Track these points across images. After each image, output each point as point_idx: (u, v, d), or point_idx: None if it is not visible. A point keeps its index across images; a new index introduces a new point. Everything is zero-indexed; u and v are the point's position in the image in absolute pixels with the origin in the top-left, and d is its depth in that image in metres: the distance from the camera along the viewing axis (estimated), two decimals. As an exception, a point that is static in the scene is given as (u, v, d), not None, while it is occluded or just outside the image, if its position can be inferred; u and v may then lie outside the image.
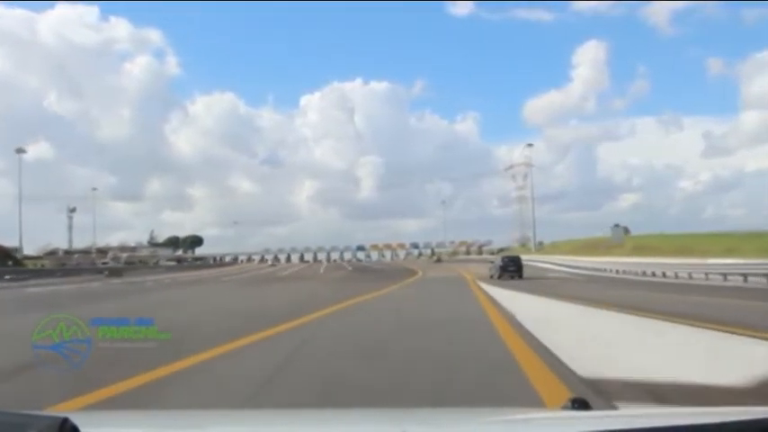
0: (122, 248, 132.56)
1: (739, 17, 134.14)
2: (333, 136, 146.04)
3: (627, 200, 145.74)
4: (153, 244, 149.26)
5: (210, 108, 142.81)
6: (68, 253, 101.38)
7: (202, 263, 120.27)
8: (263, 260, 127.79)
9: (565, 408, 1.90)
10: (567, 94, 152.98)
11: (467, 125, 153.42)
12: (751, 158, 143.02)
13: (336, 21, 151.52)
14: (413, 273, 44.32)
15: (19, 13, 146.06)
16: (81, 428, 1.38)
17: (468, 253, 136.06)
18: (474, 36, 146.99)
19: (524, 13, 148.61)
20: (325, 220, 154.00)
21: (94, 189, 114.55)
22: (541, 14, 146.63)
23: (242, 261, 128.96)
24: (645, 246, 54.51)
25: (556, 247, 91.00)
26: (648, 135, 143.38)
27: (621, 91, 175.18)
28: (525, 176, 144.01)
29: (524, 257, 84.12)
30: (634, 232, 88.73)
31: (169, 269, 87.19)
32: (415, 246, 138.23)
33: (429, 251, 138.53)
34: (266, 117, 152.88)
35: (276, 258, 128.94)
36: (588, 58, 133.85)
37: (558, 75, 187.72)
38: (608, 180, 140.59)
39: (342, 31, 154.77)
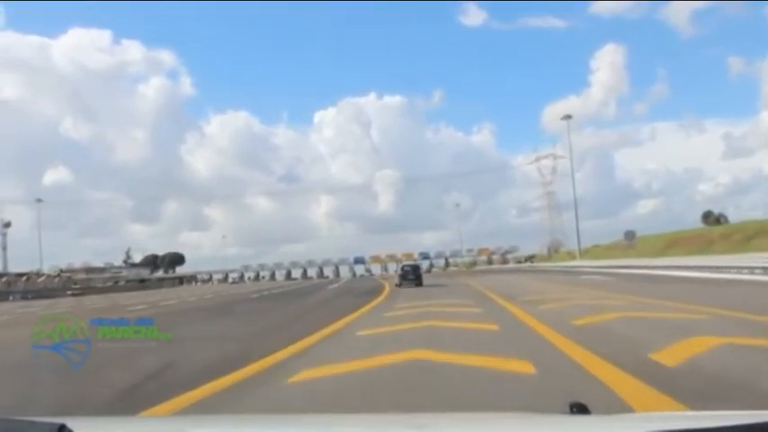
0: (88, 269, 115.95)
1: (760, 15, 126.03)
2: (348, 151, 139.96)
3: (645, 206, 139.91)
4: (131, 264, 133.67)
5: (225, 127, 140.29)
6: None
7: (164, 283, 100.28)
8: (242, 278, 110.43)
9: (564, 412, 1.90)
10: (586, 99, 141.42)
11: (483, 136, 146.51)
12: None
13: (346, 35, 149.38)
14: (376, 294, 24.00)
15: (33, 39, 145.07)
16: None
17: (490, 262, 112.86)
18: (487, 46, 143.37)
19: (536, 21, 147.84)
20: (341, 236, 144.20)
21: (39, 200, 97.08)
22: (553, 22, 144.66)
23: (217, 280, 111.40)
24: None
25: (609, 248, 68.30)
26: (669, 139, 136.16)
27: (641, 95, 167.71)
28: (554, 170, 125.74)
29: (573, 264, 64.11)
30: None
31: (100, 291, 66.91)
32: (425, 256, 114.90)
33: (443, 262, 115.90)
34: (281, 134, 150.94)
35: (257, 276, 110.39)
36: (606, 63, 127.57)
37: (576, 81, 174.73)
38: (628, 186, 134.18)
39: (352, 45, 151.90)
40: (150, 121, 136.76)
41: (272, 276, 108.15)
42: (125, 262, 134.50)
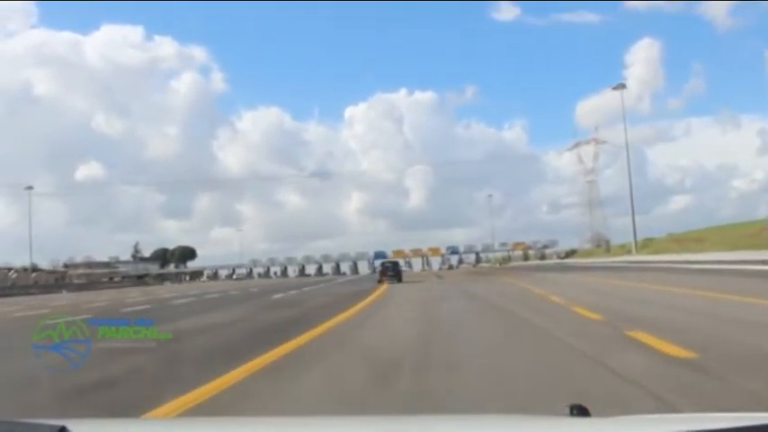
0: (89, 264, 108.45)
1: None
2: (378, 147, 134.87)
3: (678, 202, 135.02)
4: (140, 258, 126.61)
5: (256, 123, 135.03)
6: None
7: (161, 279, 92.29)
8: (249, 274, 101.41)
9: (563, 414, 1.92)
10: (620, 95, 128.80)
11: (515, 132, 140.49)
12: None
13: (377, 30, 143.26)
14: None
15: (66, 36, 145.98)
16: None
17: (526, 258, 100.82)
18: (520, 41, 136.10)
19: (570, 16, 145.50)
20: (371, 232, 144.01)
21: (29, 188, 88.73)
22: (587, 17, 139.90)
23: (225, 276, 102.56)
24: None
25: (676, 240, 56.33)
26: (704, 135, 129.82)
27: (676, 90, 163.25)
28: (596, 157, 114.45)
29: (637, 259, 51.53)
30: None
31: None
32: (454, 250, 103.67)
33: (473, 257, 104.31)
34: (312, 130, 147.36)
35: (267, 272, 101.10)
36: (641, 58, 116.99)
37: (610, 76, 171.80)
38: (661, 182, 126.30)
39: (383, 40, 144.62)
40: (181, 117, 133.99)
41: (284, 272, 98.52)
42: (134, 256, 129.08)
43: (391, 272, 35.35)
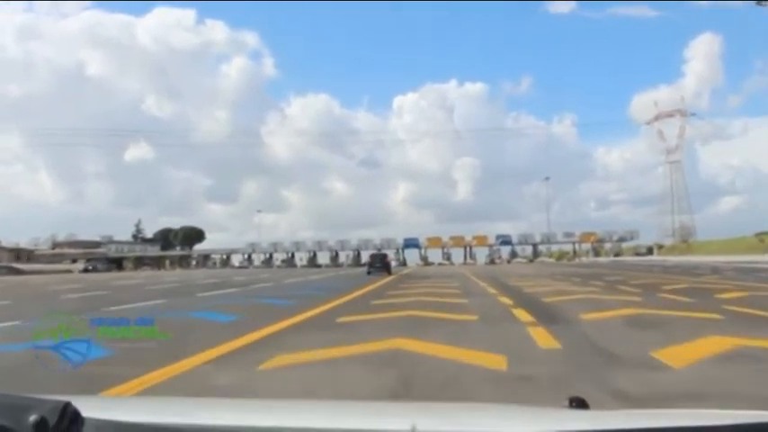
0: (73, 243, 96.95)
1: None
2: (427, 137, 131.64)
3: (729, 203, 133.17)
4: (142, 239, 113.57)
5: (306, 109, 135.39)
6: None
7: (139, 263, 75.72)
8: (249, 260, 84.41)
9: (563, 406, 1.87)
10: (677, 90, 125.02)
11: (566, 126, 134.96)
12: None
13: (430, 20, 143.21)
14: None
15: (119, 18, 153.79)
16: (83, 413, 1.36)
17: (597, 253, 79.45)
18: (576, 34, 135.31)
19: (626, 10, 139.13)
20: (417, 223, 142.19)
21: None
22: (644, 11, 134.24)
23: (220, 262, 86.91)
24: None
25: None
26: (761, 134, 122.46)
27: (736, 88, 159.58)
28: (681, 134, 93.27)
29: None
30: None
31: None
32: (505, 240, 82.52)
33: (530, 250, 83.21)
34: (361, 118, 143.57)
35: (269, 260, 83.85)
36: (701, 53, 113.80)
37: (667, 71, 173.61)
38: (713, 181, 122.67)
39: (435, 30, 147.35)
40: (231, 101, 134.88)
41: (290, 260, 79.56)
42: (134, 236, 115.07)
43: (378, 263, 35.98)
